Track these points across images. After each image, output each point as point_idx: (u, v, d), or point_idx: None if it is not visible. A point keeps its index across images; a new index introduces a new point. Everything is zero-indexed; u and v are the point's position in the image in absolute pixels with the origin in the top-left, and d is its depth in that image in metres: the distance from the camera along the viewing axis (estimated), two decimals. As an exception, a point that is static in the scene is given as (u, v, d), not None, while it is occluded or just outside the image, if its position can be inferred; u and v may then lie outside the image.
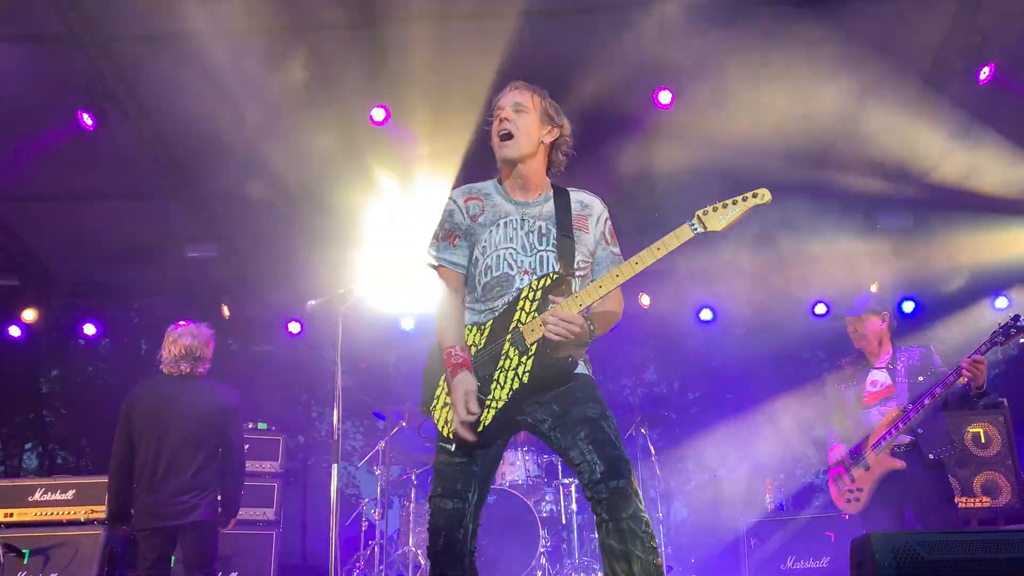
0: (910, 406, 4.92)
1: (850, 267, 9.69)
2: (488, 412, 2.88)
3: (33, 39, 7.19)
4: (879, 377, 5.23)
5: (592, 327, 2.94)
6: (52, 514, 6.35)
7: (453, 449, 2.92)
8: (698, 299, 10.01)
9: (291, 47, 7.23)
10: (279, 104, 7.86)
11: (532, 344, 2.88)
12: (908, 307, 9.67)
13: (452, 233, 3.17)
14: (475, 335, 3.02)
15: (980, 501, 6.50)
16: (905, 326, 7.90)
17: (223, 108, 7.82)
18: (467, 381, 2.90)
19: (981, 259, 9.04)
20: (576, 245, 3.07)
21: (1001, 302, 9.62)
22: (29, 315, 9.84)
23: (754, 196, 2.89)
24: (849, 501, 5.09)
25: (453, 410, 2.88)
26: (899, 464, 4.89)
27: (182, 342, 5.18)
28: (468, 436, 2.85)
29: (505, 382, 2.88)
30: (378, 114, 7.29)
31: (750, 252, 9.46)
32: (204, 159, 8.68)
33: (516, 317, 2.94)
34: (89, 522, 6.28)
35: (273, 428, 7.09)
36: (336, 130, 8.05)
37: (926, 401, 4.84)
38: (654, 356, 15.57)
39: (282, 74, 7.49)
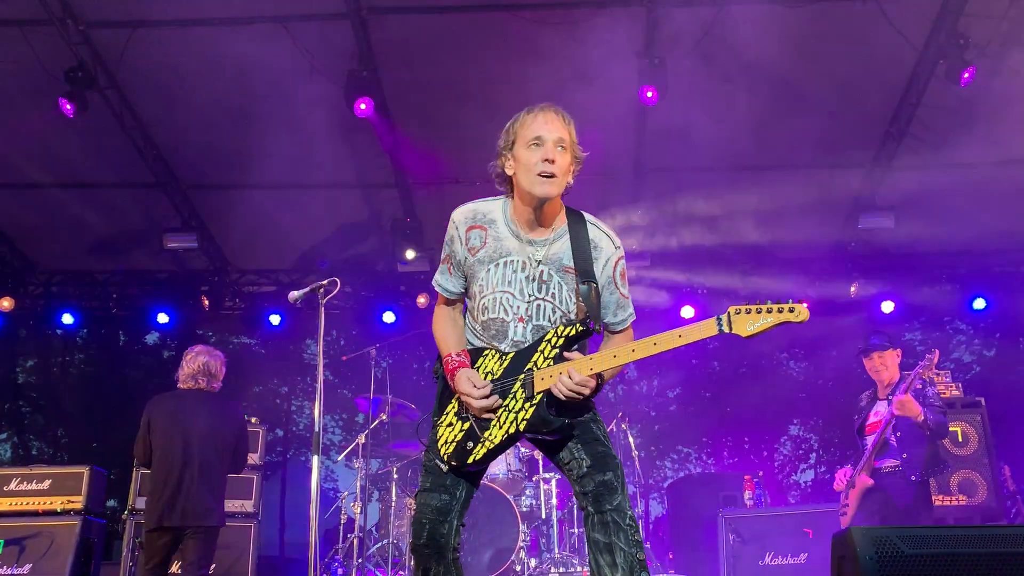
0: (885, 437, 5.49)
1: (831, 267, 9.76)
2: (480, 448, 2.86)
3: (12, 24, 7.09)
4: (881, 408, 5.66)
5: (601, 381, 2.87)
6: (27, 504, 6.26)
7: (444, 468, 2.91)
8: (679, 297, 9.99)
9: (274, 36, 7.17)
10: (263, 94, 7.80)
11: (539, 393, 2.83)
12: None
13: (449, 259, 3.09)
14: (494, 363, 2.96)
15: (957, 499, 6.56)
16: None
17: (205, 97, 7.76)
18: (468, 373, 2.91)
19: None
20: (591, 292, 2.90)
21: (979, 303, 9.68)
22: (6, 304, 9.72)
23: (791, 311, 2.60)
24: (843, 515, 5.70)
25: (468, 406, 2.88)
26: (869, 482, 5.48)
27: (199, 360, 5.48)
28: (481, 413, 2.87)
29: (504, 423, 2.86)
30: (362, 106, 7.25)
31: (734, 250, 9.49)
32: (185, 149, 8.60)
33: (534, 359, 2.89)
34: (65, 512, 6.21)
35: (253, 420, 7.03)
36: (323, 120, 8.01)
37: (881, 436, 5.47)
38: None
39: (266, 63, 7.44)
